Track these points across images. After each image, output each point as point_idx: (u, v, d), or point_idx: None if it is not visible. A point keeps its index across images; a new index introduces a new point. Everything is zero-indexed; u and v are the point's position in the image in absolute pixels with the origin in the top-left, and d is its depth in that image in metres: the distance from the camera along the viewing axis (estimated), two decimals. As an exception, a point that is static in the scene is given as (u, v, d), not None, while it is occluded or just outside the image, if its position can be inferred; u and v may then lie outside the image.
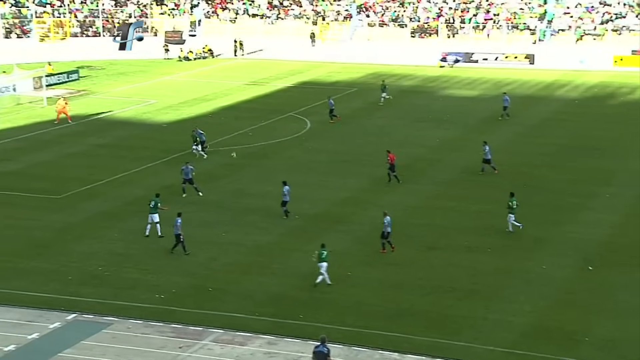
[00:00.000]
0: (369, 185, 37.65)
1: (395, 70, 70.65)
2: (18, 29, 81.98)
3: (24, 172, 39.33)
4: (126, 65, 72.14)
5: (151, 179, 38.23)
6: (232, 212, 34.07)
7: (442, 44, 76.58)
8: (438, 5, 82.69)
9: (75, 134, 46.66)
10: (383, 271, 28.18)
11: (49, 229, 31.76)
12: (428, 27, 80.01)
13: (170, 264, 28.45)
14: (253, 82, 64.75)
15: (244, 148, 44.16)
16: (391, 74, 68.91)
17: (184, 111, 53.55)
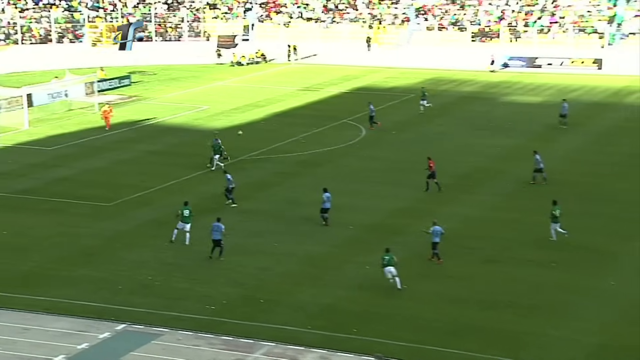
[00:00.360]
0: (426, 195, 37.44)
1: (455, 75, 70.20)
2: (70, 34, 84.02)
3: (75, 178, 40.20)
4: (178, 70, 73.24)
5: (202, 186, 38.67)
6: (284, 221, 34.23)
7: (504, 48, 75.82)
8: (500, 8, 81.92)
9: (126, 140, 47.50)
10: (440, 284, 27.98)
11: (99, 237, 32.38)
12: (489, 31, 79.30)
13: (221, 274, 28.71)
14: (306, 88, 65.03)
15: (296, 156, 44.36)
16: (450, 80, 68.51)
17: (236, 117, 54.07)
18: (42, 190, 37.99)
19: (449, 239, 31.83)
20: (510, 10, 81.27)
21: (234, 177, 37.01)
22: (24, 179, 39.75)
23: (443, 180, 37.27)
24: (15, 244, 31.45)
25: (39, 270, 29.01)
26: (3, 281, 28.03)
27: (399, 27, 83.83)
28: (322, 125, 51.36)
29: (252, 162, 43.22)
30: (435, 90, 64.26)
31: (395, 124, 52.35)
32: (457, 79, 68.54)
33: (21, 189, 38.11)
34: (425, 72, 71.98)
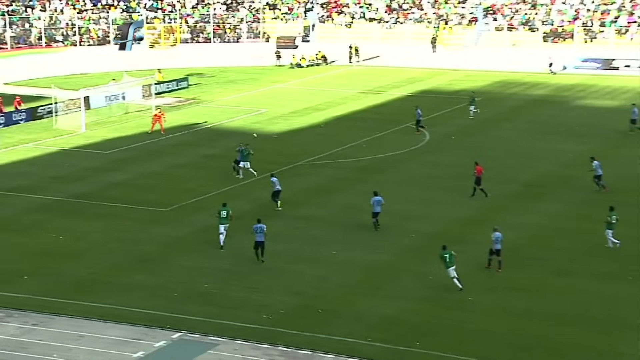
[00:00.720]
0: (493, 203, 37.00)
1: (525, 78, 69.32)
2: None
3: (131, 183, 40.88)
4: (237, 72, 73.96)
5: (259, 191, 38.94)
6: (343, 228, 34.22)
7: (578, 49, 74.54)
8: (574, 7, 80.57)
9: (184, 144, 48.11)
10: (508, 297, 27.60)
11: (156, 243, 32.84)
12: (563, 31, 78.07)
13: (278, 283, 28.84)
14: (368, 91, 64.97)
15: (356, 161, 44.32)
16: (520, 82, 67.67)
17: (295, 121, 54.32)
18: (99, 195, 38.73)
19: (515, 249, 31.41)
20: (585, 9, 79.85)
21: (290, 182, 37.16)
22: (80, 183, 40.60)
23: (510, 188, 36.79)
24: (71, 249, 32.12)
25: (94, 276, 29.56)
26: (58, 287, 28.63)
27: (466, 28, 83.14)
28: (384, 129, 51.24)
29: (310, 168, 43.34)
30: (504, 94, 63.54)
31: (460, 128, 51.93)
32: (527, 82, 67.63)
33: (77, 193, 38.92)
34: (492, 74, 71.25)
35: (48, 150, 47.25)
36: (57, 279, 29.35)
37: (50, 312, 26.62)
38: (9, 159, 45.27)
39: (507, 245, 31.90)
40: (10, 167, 43.67)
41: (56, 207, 37.18)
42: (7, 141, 48.95)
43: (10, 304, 27.12)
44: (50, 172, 42.63)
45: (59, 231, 34.00)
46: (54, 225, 34.70)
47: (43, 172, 42.82)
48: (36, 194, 38.82)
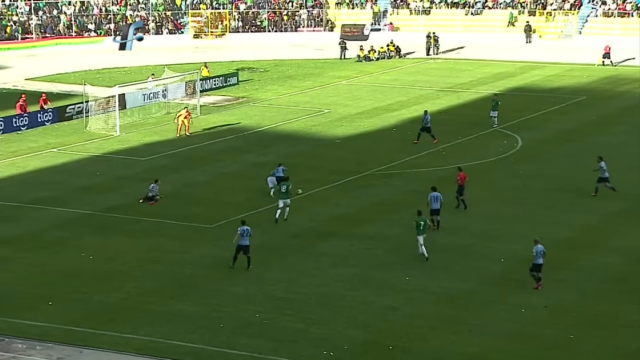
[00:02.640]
0: (600, 222, 36.48)
1: (639, 73, 68.19)
2: (170, 23, 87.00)
3: (172, 194, 41.34)
4: (295, 66, 74.47)
5: (319, 206, 39.08)
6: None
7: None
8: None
9: (232, 150, 48.57)
10: (618, 335, 27.18)
11: (199, 265, 33.20)
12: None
13: (340, 313, 28.88)
14: (450, 88, 64.74)
15: (434, 171, 44.16)
16: (634, 78, 66.60)
17: (362, 123, 54.40)
18: (134, 208, 39.30)
19: (625, 279, 30.90)
20: None
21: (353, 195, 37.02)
22: (113, 194, 41.28)
23: (620, 205, 36.23)
24: (102, 272, 32.63)
25: (128, 303, 30.00)
26: (88, 315, 29.08)
27: (568, 14, 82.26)
28: (467, 133, 50.97)
29: (379, 178, 43.34)
30: (614, 92, 62.63)
31: (559, 133, 51.37)
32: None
33: (110, 206, 39.56)
34: (599, 69, 70.27)
35: (77, 156, 48.19)
36: (86, 305, 29.84)
37: (78, 344, 27.03)
38: (32, 165, 46.31)
39: (615, 275, 31.42)
40: (34, 176, 44.63)
41: (85, 222, 37.83)
42: (31, 145, 50.11)
43: (33, 334, 27.64)
44: (79, 182, 43.45)
45: (88, 250, 34.59)
46: (82, 243, 35.31)
47: (71, 181, 43.66)
48: (63, 206, 39.59)
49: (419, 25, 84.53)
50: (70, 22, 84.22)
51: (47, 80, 68.14)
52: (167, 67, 63.14)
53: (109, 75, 69.54)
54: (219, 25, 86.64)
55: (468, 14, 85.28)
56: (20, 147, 49.52)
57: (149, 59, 75.58)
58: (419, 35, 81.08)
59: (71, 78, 68.54)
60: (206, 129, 52.95)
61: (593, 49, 73.41)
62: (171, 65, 66.55)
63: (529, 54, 76.15)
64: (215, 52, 79.83)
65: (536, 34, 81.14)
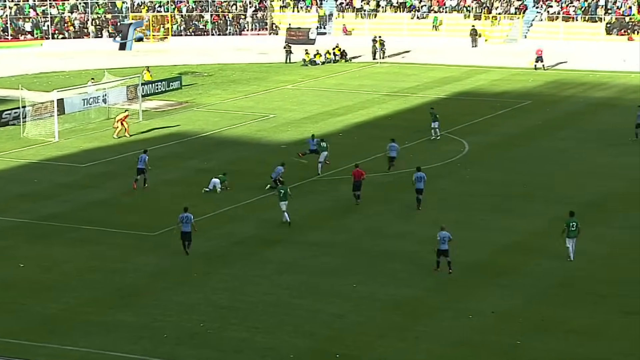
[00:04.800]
0: (544, 228, 36.91)
1: (583, 77, 69.22)
2: (111, 26, 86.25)
3: (112, 202, 41.05)
4: (239, 70, 74.32)
5: (264, 213, 39.01)
6: (365, 257, 34.20)
7: None
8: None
9: (173, 156, 48.29)
10: (564, 340, 27.48)
11: (140, 274, 32.94)
12: (630, 22, 78.03)
13: (287, 321, 28.84)
14: (395, 93, 65.05)
15: (381, 176, 44.35)
16: (577, 83, 67.57)
17: (308, 128, 54.41)
18: (73, 216, 38.91)
19: (571, 284, 31.38)
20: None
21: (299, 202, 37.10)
22: (51, 202, 40.82)
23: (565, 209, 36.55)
24: (39, 282, 32.23)
25: (67, 314, 29.65)
26: (24, 327, 28.69)
27: (513, 17, 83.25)
28: (414, 139, 51.26)
29: (325, 184, 43.41)
30: (558, 96, 63.46)
31: (504, 138, 51.89)
32: (586, 82, 67.55)
33: (48, 214, 39.12)
34: (545, 73, 71.16)
35: (13, 162, 47.58)
36: (22, 316, 29.44)
37: (14, 356, 26.61)
38: (-33, 173, 45.63)
39: (561, 280, 31.82)
40: (-31, 183, 44.00)
41: (22, 231, 37.36)
42: (-34, 152, 49.37)
43: (-34, 347, 27.23)
44: (15, 189, 42.92)
45: (24, 260, 34.16)
46: (18, 253, 34.86)
47: (7, 188, 43.12)
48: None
49: (365, 29, 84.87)
50: (5, 24, 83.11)
51: (-18, 85, 67.22)
52: (108, 72, 62.50)
53: (47, 80, 68.76)
54: (161, 29, 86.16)
55: (414, 18, 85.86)
56: (-46, 154, 48.79)
57: (88, 63, 74.89)
58: (364, 39, 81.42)
59: (7, 82, 67.62)
60: (146, 134, 52.53)
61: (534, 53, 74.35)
62: (112, 70, 66.02)
63: (475, 58, 76.86)
64: (157, 56, 79.37)
65: (482, 37, 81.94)
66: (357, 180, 40.02)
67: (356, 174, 40.16)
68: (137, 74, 61.98)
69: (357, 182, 39.99)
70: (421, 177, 39.07)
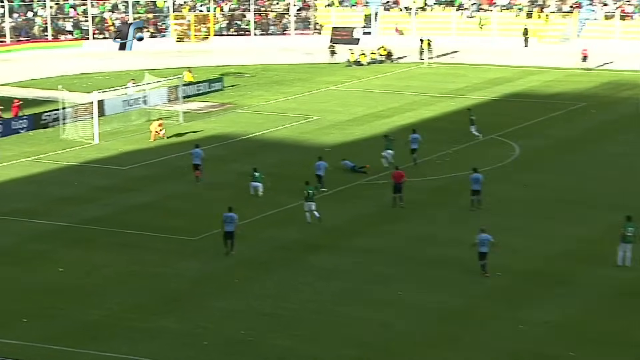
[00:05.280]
0: (602, 235, 36.50)
1: (639, 78, 68.54)
2: (152, 26, 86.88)
3: (154, 205, 41.28)
4: (283, 71, 74.47)
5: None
6: (414, 263, 34.08)
7: None
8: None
9: (216, 159, 48.45)
10: (623, 354, 27.13)
11: (182, 279, 33.08)
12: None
13: (330, 330, 28.79)
14: (443, 94, 64.80)
15: (429, 181, 44.15)
16: (634, 84, 66.82)
17: (353, 131, 54.39)
18: (114, 220, 39.18)
19: (632, 294, 30.89)
20: None
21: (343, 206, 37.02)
22: (91, 206, 41.15)
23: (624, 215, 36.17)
24: (80, 287, 32.45)
25: (108, 319, 29.84)
26: (65, 333, 28.90)
27: (567, 16, 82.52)
28: (463, 141, 51.00)
29: (371, 189, 43.30)
30: (615, 97, 62.80)
31: (558, 141, 51.43)
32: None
33: (88, 218, 39.43)
34: (601, 74, 70.49)
35: (53, 165, 48.05)
36: (63, 322, 29.68)
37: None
38: (6, 175, 46.14)
39: (620, 289, 31.41)
40: (8, 186, 44.50)
41: (62, 235, 37.70)
42: (5, 154, 49.92)
43: (6, 353, 27.40)
44: (55, 192, 43.32)
45: (65, 264, 34.45)
46: (59, 257, 35.17)
47: (47, 191, 43.53)
48: (38, 218, 39.44)
49: (412, 29, 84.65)
50: (45, 24, 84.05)
51: (22, 86, 67.98)
52: (148, 72, 63.00)
53: (87, 81, 69.43)
54: (202, 28, 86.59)
55: (463, 16, 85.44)
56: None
57: (129, 63, 75.46)
58: (411, 39, 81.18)
59: (47, 83, 68.36)
60: (187, 136, 52.80)
61: (593, 53, 73.55)
62: (152, 70, 66.47)
63: (527, 59, 76.33)
64: (199, 56, 79.78)
65: (534, 37, 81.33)
66: (397, 182, 39.93)
67: (396, 175, 40.10)
68: (178, 75, 62.33)
69: (398, 185, 39.92)
70: (477, 179, 39.29)
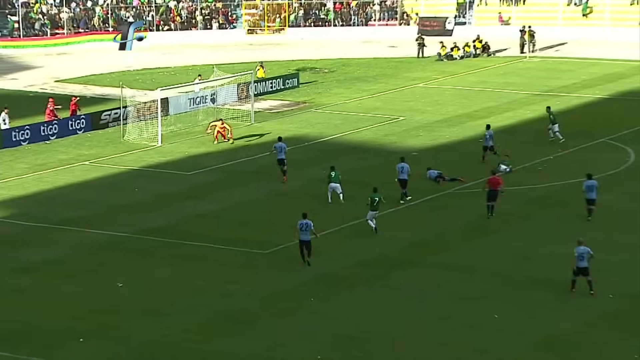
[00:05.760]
0: None
1: None
2: (222, 16, 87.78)
3: (220, 215, 41.65)
4: (364, 66, 74.59)
5: (391, 230, 39.04)
6: (509, 282, 33.88)
7: None
8: None
9: (290, 164, 48.50)
10: None
11: (251, 297, 33.28)
12: None
13: (417, 356, 28.76)
14: (548, 92, 64.28)
15: (529, 189, 43.80)
16: None
17: (443, 133, 54.23)
18: (177, 230, 39.67)
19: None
20: None
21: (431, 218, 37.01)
22: (153, 215, 41.71)
23: None
24: (141, 304, 32.88)
25: (171, 340, 30.16)
26: (124, 353, 29.31)
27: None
28: (569, 146, 50.51)
29: (462, 198, 43.16)
30: None
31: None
32: None
33: (149, 228, 39.95)
34: None
35: (112, 169, 48.82)
36: (122, 342, 30.07)
37: (112, 386, 27.39)
38: (62, 180, 46.98)
39: None
40: (63, 192, 45.30)
41: (121, 247, 38.27)
42: (61, 157, 50.89)
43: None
44: (115, 200, 44.01)
45: (124, 279, 34.96)
46: (118, 271, 35.70)
47: (106, 199, 44.24)
48: (96, 228, 40.12)
49: (512, 18, 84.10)
50: (106, 15, 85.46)
51: (80, 82, 69.26)
52: (217, 67, 63.65)
53: (150, 77, 70.44)
54: (276, 19, 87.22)
55: (570, 4, 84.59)
56: (48, 159, 50.36)
57: (196, 57, 76.36)
58: (511, 30, 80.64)
59: (107, 80, 69.55)
60: (259, 138, 53.20)
61: None
62: (221, 65, 67.13)
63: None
64: (272, 50, 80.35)
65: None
66: (493, 189, 39.78)
67: (493, 182, 39.97)
68: (250, 71, 62.74)
69: (493, 192, 39.78)
70: (593, 186, 39.27)
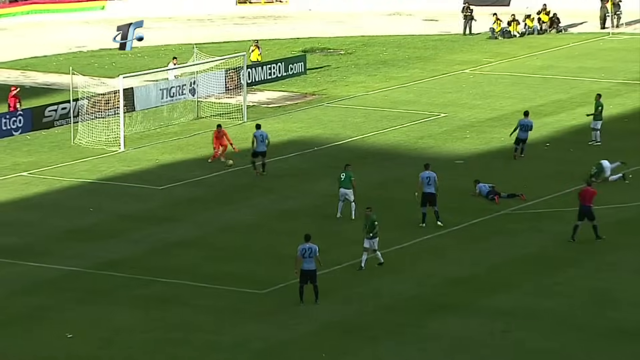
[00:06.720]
0: None
1: None
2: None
3: (201, 242, 41.55)
4: (393, 46, 74.57)
5: (429, 263, 39.26)
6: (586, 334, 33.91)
7: None
8: None
9: (292, 175, 48.63)
10: None
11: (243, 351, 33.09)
12: None
13: None
14: (637, 80, 64.09)
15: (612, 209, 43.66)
16: None
17: (497, 135, 54.11)
18: (145, 263, 39.62)
19: None
20: None
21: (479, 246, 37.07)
22: (113, 242, 41.64)
23: None
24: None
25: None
26: None
27: None
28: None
29: (522, 220, 43.17)
30: None
31: None
32: None
33: (108, 261, 39.86)
34: None
35: (60, 182, 48.77)
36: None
37: None
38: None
39: None
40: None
41: (71, 285, 38.16)
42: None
43: None
44: (62, 223, 43.98)
45: (73, 328, 34.80)
46: (65, 317, 35.56)
47: (50, 221, 44.20)
48: (35, 260, 39.98)
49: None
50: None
51: (16, 67, 69.04)
52: (198, 48, 63.25)
53: (110, 60, 70.26)
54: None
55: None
56: (-26, 169, 50.44)
57: (170, 35, 76.19)
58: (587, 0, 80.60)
59: (52, 64, 69.47)
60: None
61: None
62: (203, 45, 67.06)
63: None
64: (270, 25, 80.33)
65: None
66: (586, 205, 39.37)
67: (586, 195, 39.54)
68: (242, 52, 62.35)
69: (586, 208, 39.33)
70: None
